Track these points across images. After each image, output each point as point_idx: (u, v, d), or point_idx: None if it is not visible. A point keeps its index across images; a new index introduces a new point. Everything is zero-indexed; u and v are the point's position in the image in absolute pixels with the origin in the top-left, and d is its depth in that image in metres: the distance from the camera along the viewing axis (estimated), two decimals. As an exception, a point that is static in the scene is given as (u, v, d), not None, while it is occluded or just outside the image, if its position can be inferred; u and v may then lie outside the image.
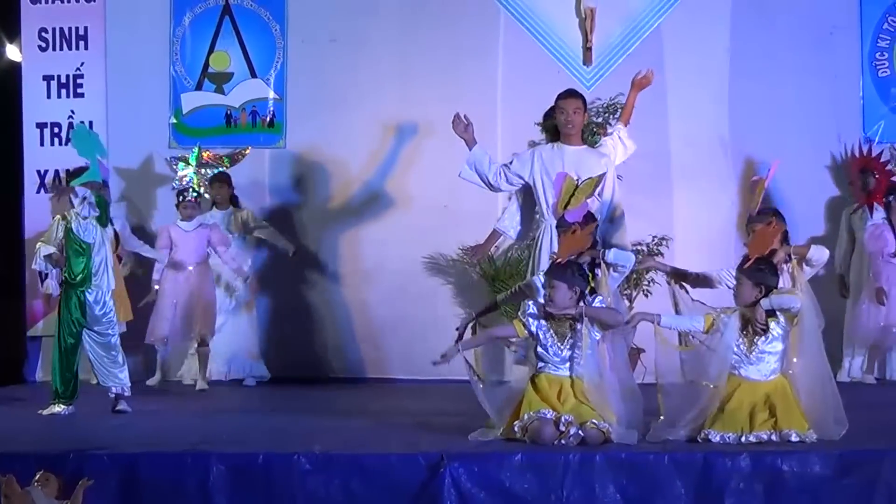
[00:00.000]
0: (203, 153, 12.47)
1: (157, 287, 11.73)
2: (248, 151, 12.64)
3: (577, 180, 8.79)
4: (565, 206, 8.66)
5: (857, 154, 12.18)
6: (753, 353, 7.87)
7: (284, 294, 12.70)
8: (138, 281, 12.04)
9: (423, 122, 12.42)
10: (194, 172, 12.37)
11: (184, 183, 12.31)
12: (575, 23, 12.53)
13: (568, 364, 7.84)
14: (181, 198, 11.88)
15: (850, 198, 12.21)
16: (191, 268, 11.73)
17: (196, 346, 11.83)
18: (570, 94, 9.42)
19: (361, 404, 10.29)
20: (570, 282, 7.87)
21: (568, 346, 7.85)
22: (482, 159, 9.43)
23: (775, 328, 7.88)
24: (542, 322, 7.91)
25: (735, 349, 7.90)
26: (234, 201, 12.35)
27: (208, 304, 11.80)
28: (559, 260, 8.04)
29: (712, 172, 12.35)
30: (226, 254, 11.79)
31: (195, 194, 11.97)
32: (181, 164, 12.47)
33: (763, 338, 7.88)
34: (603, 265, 8.45)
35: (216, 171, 12.38)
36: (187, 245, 11.73)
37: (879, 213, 11.82)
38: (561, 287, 7.84)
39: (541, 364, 7.90)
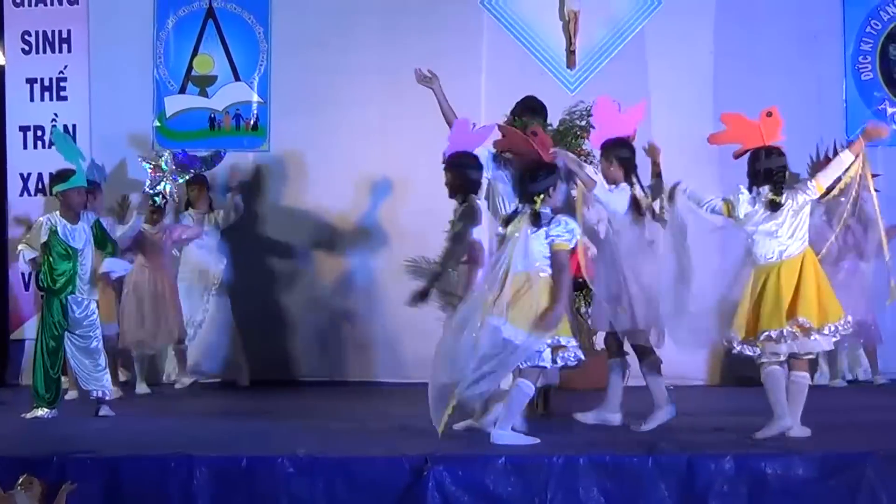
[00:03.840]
0: (173, 160, 12.30)
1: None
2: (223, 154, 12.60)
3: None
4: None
5: None
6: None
7: (269, 298, 12.69)
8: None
9: (407, 125, 12.42)
10: (163, 178, 12.23)
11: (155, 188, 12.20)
12: (558, 26, 12.55)
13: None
14: (150, 202, 11.89)
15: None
16: (153, 269, 11.74)
17: (172, 345, 11.96)
18: None
19: (345, 407, 10.28)
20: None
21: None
22: None
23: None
24: None
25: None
26: (209, 204, 12.38)
27: (175, 305, 11.83)
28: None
29: (696, 174, 12.31)
30: (186, 233, 12.01)
31: (162, 200, 11.88)
32: (147, 167, 12.31)
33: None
34: None
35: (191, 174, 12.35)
36: (152, 247, 11.75)
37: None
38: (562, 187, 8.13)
39: None
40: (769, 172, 8.36)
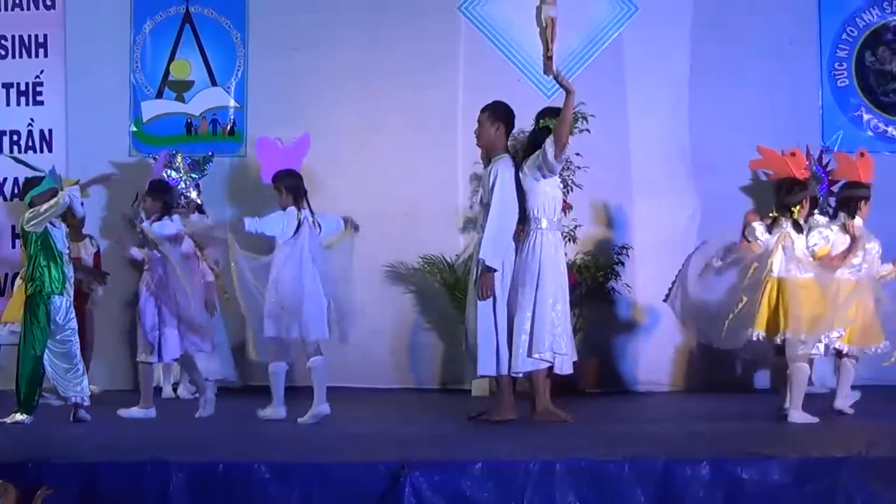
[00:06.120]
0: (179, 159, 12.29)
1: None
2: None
3: None
4: None
5: None
6: None
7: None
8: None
9: (384, 131, 12.43)
10: (182, 179, 12.19)
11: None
12: (535, 32, 12.58)
13: None
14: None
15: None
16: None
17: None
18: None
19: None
20: None
21: None
22: None
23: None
24: None
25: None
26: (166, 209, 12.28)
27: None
28: None
29: (672, 182, 12.41)
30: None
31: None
32: (171, 171, 12.26)
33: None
34: None
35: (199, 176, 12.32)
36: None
37: None
38: None
39: None
40: (847, 200, 9.79)
